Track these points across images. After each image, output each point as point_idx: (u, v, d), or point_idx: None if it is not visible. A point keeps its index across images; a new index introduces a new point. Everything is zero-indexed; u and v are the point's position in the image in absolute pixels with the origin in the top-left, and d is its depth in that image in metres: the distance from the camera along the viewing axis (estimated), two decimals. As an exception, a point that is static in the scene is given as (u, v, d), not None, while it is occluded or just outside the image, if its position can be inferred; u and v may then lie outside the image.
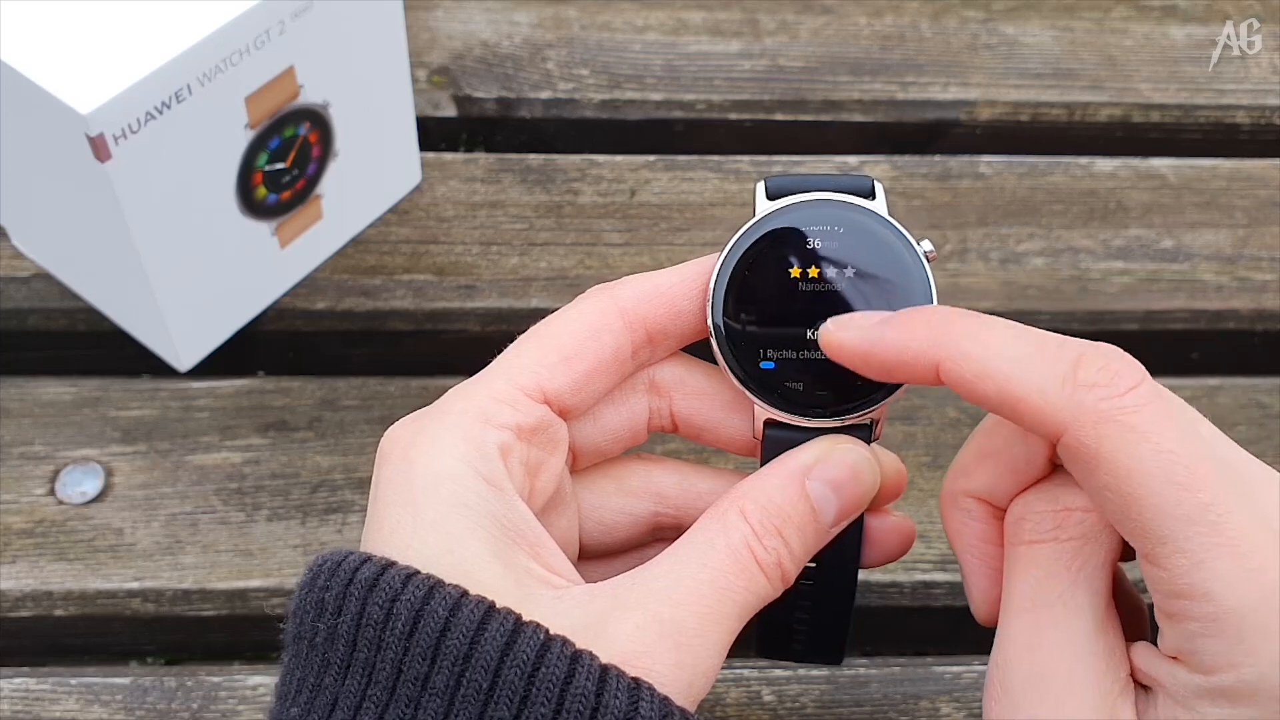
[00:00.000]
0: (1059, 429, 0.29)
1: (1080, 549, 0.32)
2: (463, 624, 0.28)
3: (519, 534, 0.31)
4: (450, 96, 0.61)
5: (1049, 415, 0.29)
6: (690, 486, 0.36)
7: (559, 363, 0.32)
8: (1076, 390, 0.29)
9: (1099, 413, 0.29)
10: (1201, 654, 0.29)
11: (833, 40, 0.63)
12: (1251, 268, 0.57)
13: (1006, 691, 0.31)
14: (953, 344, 0.30)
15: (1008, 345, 0.30)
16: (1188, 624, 0.29)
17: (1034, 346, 0.30)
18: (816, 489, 0.32)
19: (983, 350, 0.30)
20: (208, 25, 0.43)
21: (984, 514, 0.34)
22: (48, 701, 0.44)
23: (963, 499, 0.34)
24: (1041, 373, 0.30)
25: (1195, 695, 0.29)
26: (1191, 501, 0.28)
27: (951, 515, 0.35)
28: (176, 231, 0.47)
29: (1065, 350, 0.30)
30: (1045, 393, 0.29)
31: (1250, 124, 0.62)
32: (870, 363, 0.32)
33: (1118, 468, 0.29)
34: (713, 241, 0.56)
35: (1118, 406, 0.29)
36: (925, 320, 0.31)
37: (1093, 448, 0.29)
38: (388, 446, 0.32)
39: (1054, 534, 0.32)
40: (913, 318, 0.31)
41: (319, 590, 0.30)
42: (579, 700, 0.27)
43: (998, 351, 0.30)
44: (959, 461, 0.35)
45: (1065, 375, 0.29)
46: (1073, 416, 0.29)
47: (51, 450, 0.50)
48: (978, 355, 0.30)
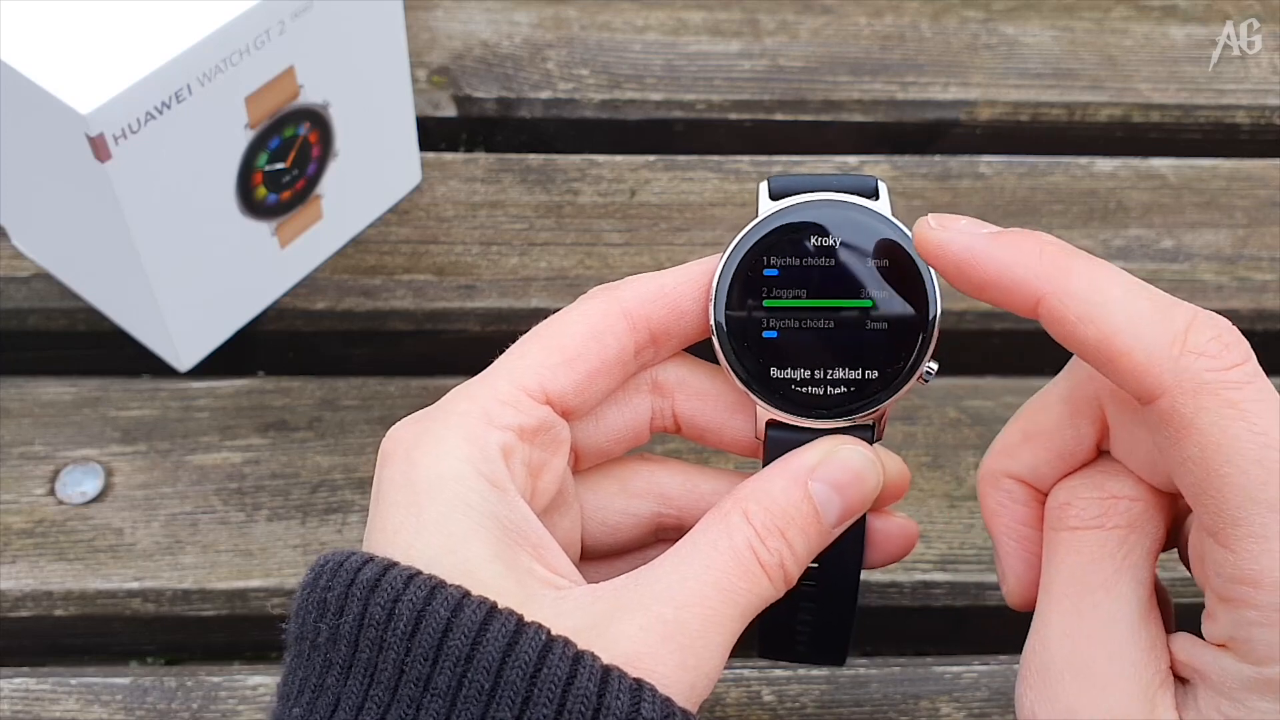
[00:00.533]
0: (1158, 390, 0.28)
1: (1126, 537, 0.31)
2: (465, 625, 0.28)
3: (521, 535, 0.31)
4: (450, 96, 0.61)
5: (1151, 375, 0.28)
6: (693, 487, 0.36)
7: (561, 363, 0.32)
8: (1185, 355, 0.28)
9: (1202, 382, 0.28)
10: (1256, 643, 0.28)
11: (833, 40, 0.63)
12: (1251, 268, 0.57)
13: (1043, 678, 0.31)
14: (1064, 279, 0.29)
15: (1122, 294, 0.29)
16: (1246, 611, 0.28)
17: (1147, 301, 0.29)
18: (819, 490, 0.32)
19: (1095, 294, 0.29)
20: (208, 25, 0.43)
21: (1025, 496, 0.34)
22: (48, 701, 0.44)
23: (1004, 480, 0.34)
24: (1152, 330, 0.29)
25: (1242, 686, 0.28)
26: (1276, 487, 0.28)
27: (990, 496, 0.34)
28: (176, 231, 0.47)
29: (1178, 312, 0.29)
30: (1151, 352, 0.28)
31: (1250, 124, 0.62)
32: (968, 273, 0.30)
33: (1209, 440, 0.28)
34: (713, 241, 0.56)
35: (1222, 379, 0.28)
36: (1039, 246, 0.30)
37: (1188, 416, 0.28)
38: (390, 447, 0.32)
39: (1099, 521, 0.32)
40: (1026, 240, 0.30)
41: (321, 591, 0.30)
42: (581, 701, 0.27)
43: (1112, 297, 0.29)
44: (1002, 441, 0.34)
45: (1175, 337, 0.29)
46: (1175, 381, 0.28)
47: (51, 450, 0.50)
48: (1089, 298, 0.29)
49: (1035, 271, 0.29)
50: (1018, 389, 0.52)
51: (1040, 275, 0.29)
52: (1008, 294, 0.30)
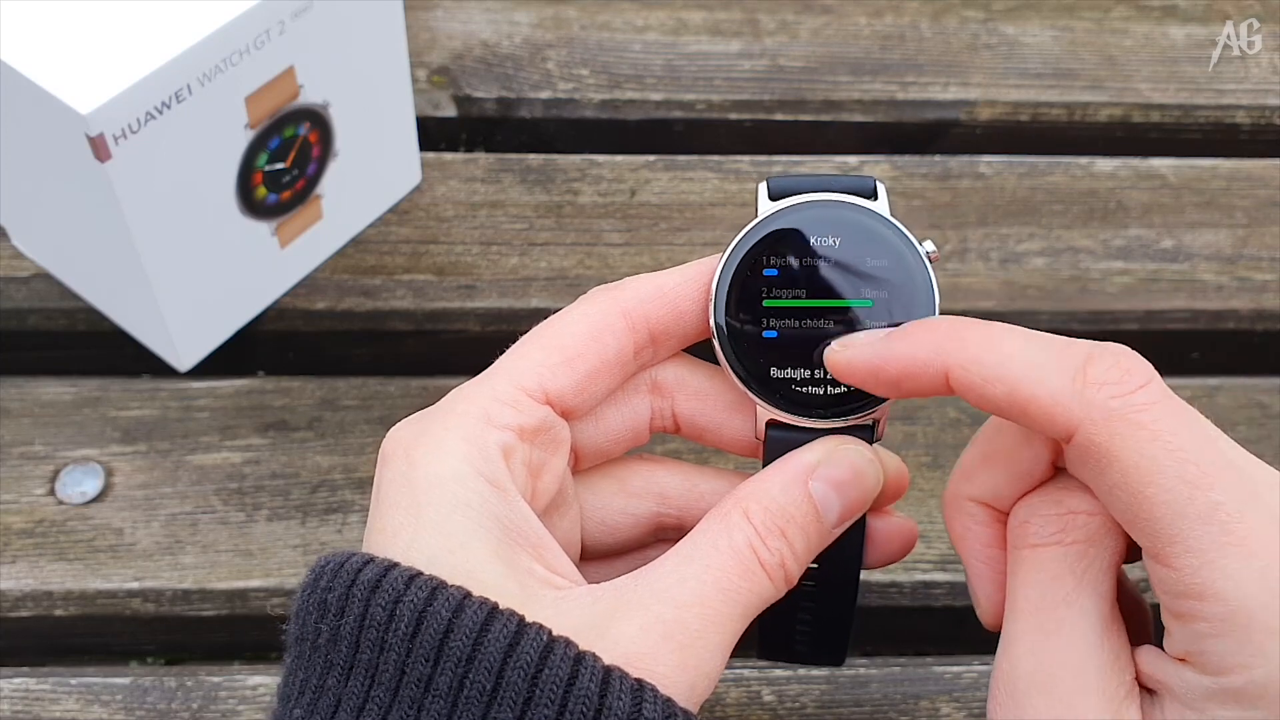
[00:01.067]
0: (1070, 428, 0.29)
1: (1085, 552, 0.32)
2: (466, 625, 0.28)
3: (521, 535, 0.31)
4: (450, 96, 0.61)
5: (1060, 415, 0.29)
6: (693, 487, 0.36)
7: (561, 363, 0.32)
8: (1087, 388, 0.29)
9: (1110, 410, 0.29)
10: (1210, 655, 0.28)
11: (833, 40, 0.63)
12: (1251, 268, 0.57)
13: (1011, 695, 0.31)
14: (960, 350, 0.30)
15: (1016, 348, 0.30)
16: (1196, 624, 0.29)
17: (1042, 348, 0.30)
18: (819, 489, 0.32)
19: (991, 354, 0.30)
20: (208, 25, 0.43)
21: (987, 518, 0.34)
22: (48, 701, 0.44)
23: (966, 503, 0.34)
24: (1052, 373, 0.30)
25: (1204, 697, 0.29)
26: (1202, 500, 0.28)
27: (955, 520, 0.34)
28: (176, 231, 0.47)
29: (1074, 350, 0.30)
30: (1056, 393, 0.29)
31: (1250, 124, 0.62)
32: (880, 378, 0.32)
33: (1128, 465, 0.29)
34: (713, 241, 0.56)
35: (1129, 404, 0.29)
36: (930, 330, 0.31)
37: (1104, 446, 0.29)
38: (390, 447, 0.32)
39: (1058, 537, 0.32)
40: (918, 329, 0.31)
41: (321, 591, 0.30)
42: (582, 702, 0.27)
43: (1007, 354, 0.30)
44: (961, 465, 0.35)
45: (1075, 374, 0.29)
46: (1084, 415, 0.29)
47: (51, 450, 0.50)
48: (986, 360, 0.30)
49: (934, 351, 0.31)
50: (1018, 389, 0.52)
51: (940, 351, 0.31)
52: (919, 380, 0.31)
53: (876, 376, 0.32)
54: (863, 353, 0.32)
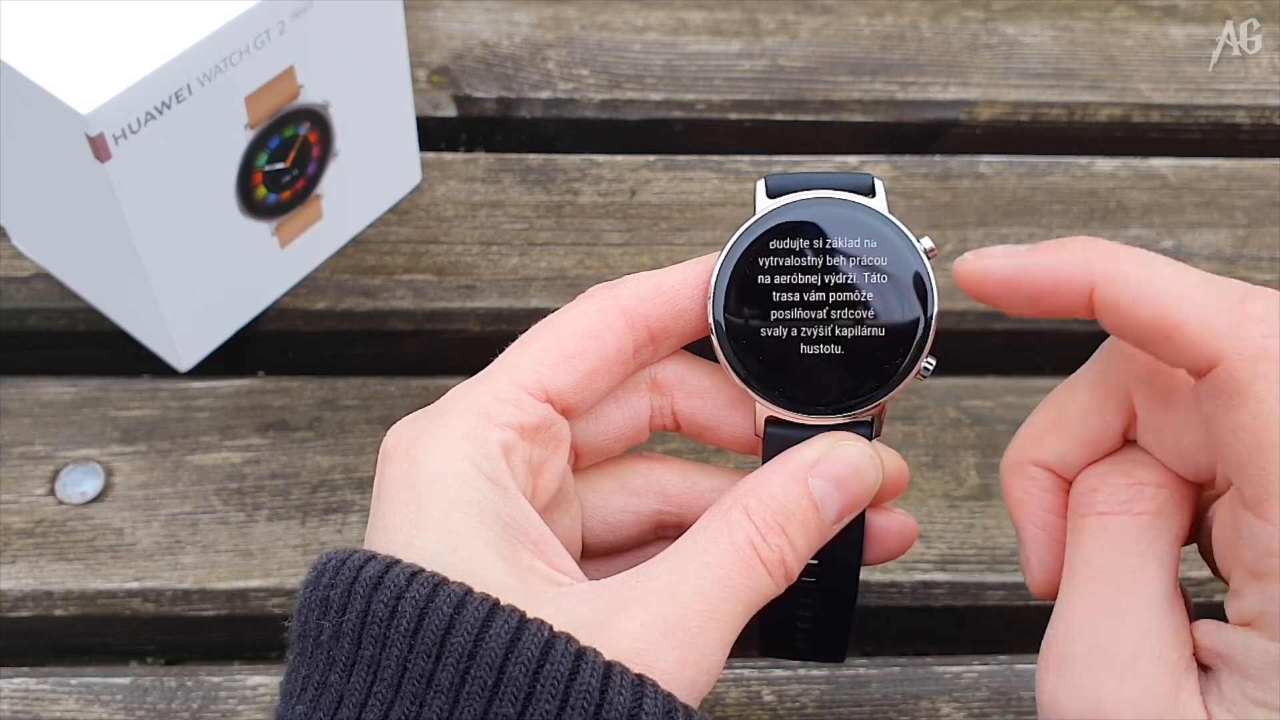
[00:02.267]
0: (1215, 358, 0.28)
1: (1152, 524, 0.31)
2: (467, 621, 0.28)
3: (522, 532, 0.31)
4: (450, 96, 0.61)
5: (1208, 342, 0.28)
6: (693, 485, 0.36)
7: (561, 362, 0.32)
8: (1242, 321, 0.28)
9: (1260, 349, 0.28)
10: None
11: (833, 40, 0.63)
12: (1251, 268, 0.57)
13: (1067, 663, 0.31)
14: (1112, 266, 0.30)
15: (1170, 272, 0.29)
16: (1278, 585, 0.28)
17: (1198, 277, 0.29)
18: (819, 486, 0.32)
19: (1146, 274, 0.29)
20: (208, 25, 0.43)
21: (1051, 484, 0.34)
22: (48, 701, 0.44)
23: (1030, 467, 0.34)
24: (1207, 301, 0.29)
25: (1267, 665, 0.28)
26: None
27: (1016, 484, 0.34)
28: (176, 231, 0.47)
29: (1232, 284, 0.29)
30: (1207, 320, 0.28)
31: (1250, 124, 0.62)
32: (1018, 290, 0.30)
33: (1264, 407, 0.28)
34: (713, 241, 0.56)
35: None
36: (1079, 245, 0.30)
37: (1244, 382, 0.28)
38: (390, 445, 0.32)
39: (1126, 506, 0.31)
40: (1064, 244, 0.30)
41: (323, 588, 0.30)
42: (583, 697, 0.27)
43: (1160, 276, 0.29)
44: (1029, 428, 0.34)
45: (1232, 306, 0.29)
46: (1234, 347, 0.28)
47: (51, 450, 0.50)
48: (1140, 279, 0.29)
49: (1081, 265, 0.30)
50: (1018, 389, 0.52)
51: (1087, 267, 0.30)
52: (1060, 296, 0.30)
53: (1015, 288, 0.30)
54: (1002, 262, 0.31)
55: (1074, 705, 0.30)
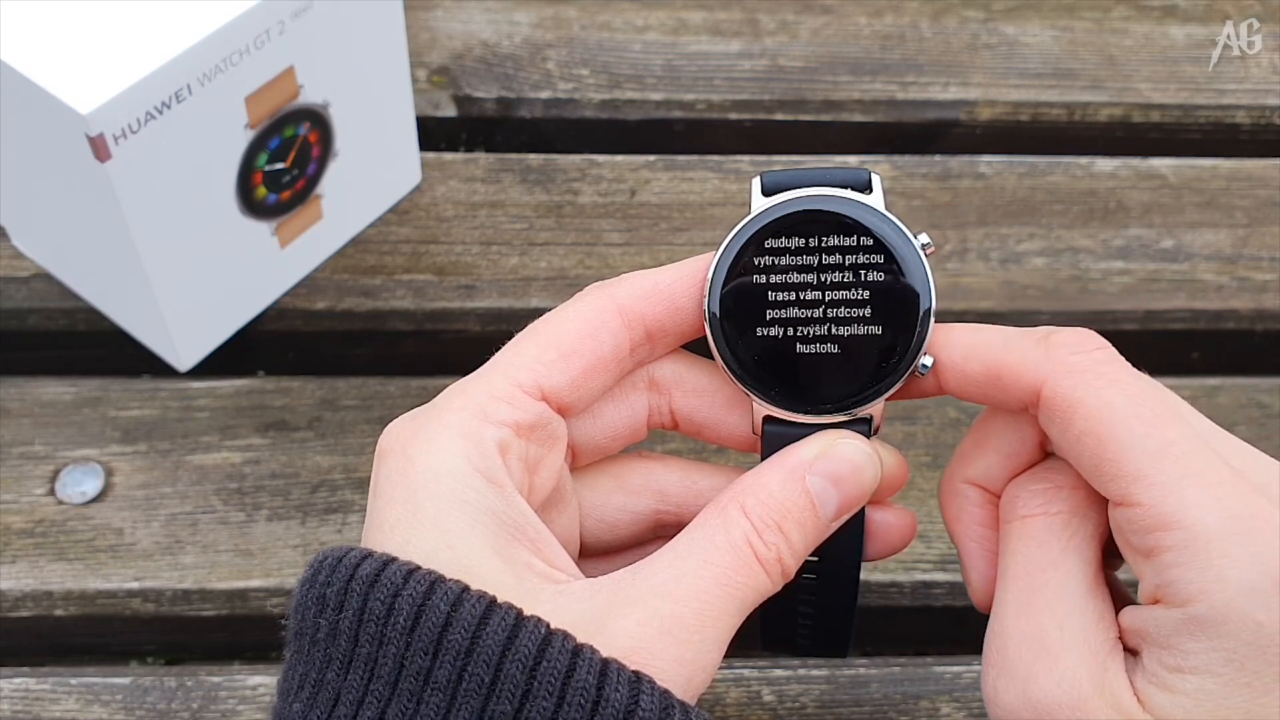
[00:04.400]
0: (1038, 383, 0.32)
1: (1069, 521, 0.33)
2: (464, 619, 0.28)
3: (519, 529, 0.31)
4: (450, 96, 0.61)
5: (1029, 373, 0.32)
6: (691, 484, 0.36)
7: (557, 360, 0.33)
8: (1052, 349, 0.32)
9: (1071, 365, 0.32)
10: (1176, 584, 0.30)
11: (833, 40, 0.63)
12: (1251, 268, 0.57)
13: (1002, 655, 0.32)
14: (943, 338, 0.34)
15: (989, 331, 0.34)
16: (1162, 555, 0.30)
17: (1012, 330, 0.34)
18: (817, 484, 0.32)
19: (968, 336, 0.34)
20: (208, 25, 0.43)
21: (981, 500, 0.36)
22: (48, 701, 0.44)
23: (961, 485, 0.36)
24: (1019, 341, 0.33)
25: (1175, 632, 0.30)
26: (1158, 437, 0.31)
27: (950, 502, 0.36)
28: (176, 231, 0.47)
29: (1039, 328, 0.34)
30: (1024, 355, 0.33)
31: (1250, 124, 0.62)
32: None
33: (1091, 411, 0.31)
34: (713, 241, 0.56)
35: (1088, 360, 0.32)
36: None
37: (1067, 395, 0.32)
38: (386, 444, 0.32)
39: (1044, 508, 0.34)
40: None
41: (320, 586, 0.30)
42: (580, 694, 0.27)
43: (981, 336, 0.34)
44: (958, 450, 0.36)
45: (1040, 339, 0.33)
46: (1050, 370, 0.32)
47: (51, 450, 0.50)
48: (964, 340, 0.33)
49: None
50: (1018, 388, 0.52)
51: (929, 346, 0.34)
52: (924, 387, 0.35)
53: None
54: None
55: (1011, 694, 0.32)
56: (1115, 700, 0.31)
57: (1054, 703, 0.31)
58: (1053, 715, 0.31)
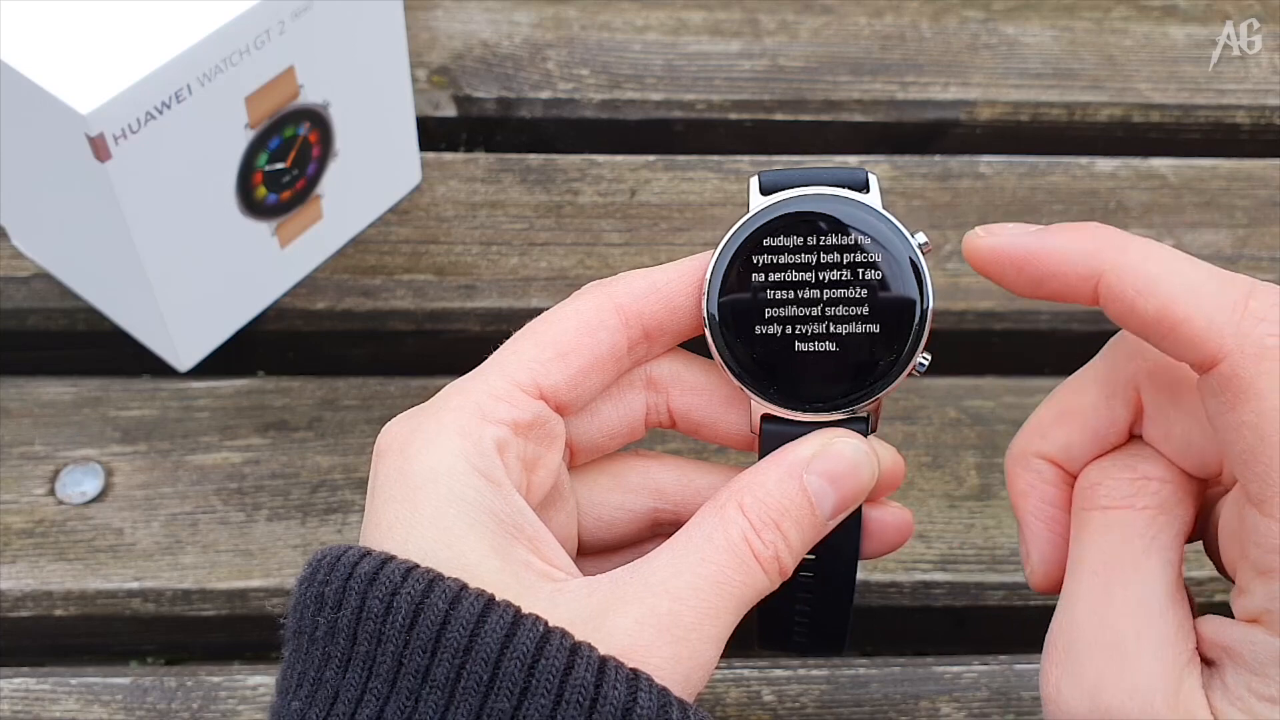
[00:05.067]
0: (1218, 355, 0.29)
1: (1155, 518, 0.31)
2: (462, 617, 0.28)
3: (516, 528, 0.31)
4: (450, 96, 0.61)
5: (1212, 339, 0.29)
6: (689, 482, 0.36)
7: (555, 359, 0.33)
8: (1245, 319, 0.28)
9: (1263, 346, 0.28)
10: None
11: (833, 40, 0.63)
12: (1251, 268, 0.57)
13: (1070, 654, 0.31)
14: (1120, 255, 0.30)
15: (1177, 265, 0.29)
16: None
17: (1205, 271, 0.29)
18: (814, 482, 0.32)
19: (1152, 265, 0.29)
20: (208, 25, 0.43)
21: (1055, 477, 0.34)
22: (48, 701, 0.44)
23: (1034, 460, 0.34)
24: (1212, 296, 0.29)
25: (1274, 661, 0.28)
26: None
27: (1020, 476, 0.34)
28: (176, 231, 0.47)
29: (1238, 280, 0.29)
30: (1212, 316, 0.29)
31: (1250, 124, 0.62)
32: (1025, 271, 0.31)
33: (1267, 405, 0.28)
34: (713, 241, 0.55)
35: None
36: (1091, 231, 0.30)
37: (1248, 380, 0.28)
38: (385, 443, 0.32)
39: (1130, 500, 0.32)
40: (1077, 228, 0.30)
41: (319, 585, 0.30)
42: (578, 691, 0.27)
43: (1169, 268, 0.29)
44: (1034, 421, 0.34)
45: (1236, 303, 0.29)
46: (1237, 345, 0.28)
47: (51, 450, 0.50)
48: (1146, 270, 0.29)
49: (1091, 252, 0.30)
50: (1018, 389, 0.52)
51: (1096, 255, 0.30)
52: (1067, 280, 0.30)
53: (1022, 268, 0.31)
54: (1012, 241, 0.31)
55: (1076, 697, 0.30)
56: (1189, 717, 0.29)
57: (1123, 712, 0.30)
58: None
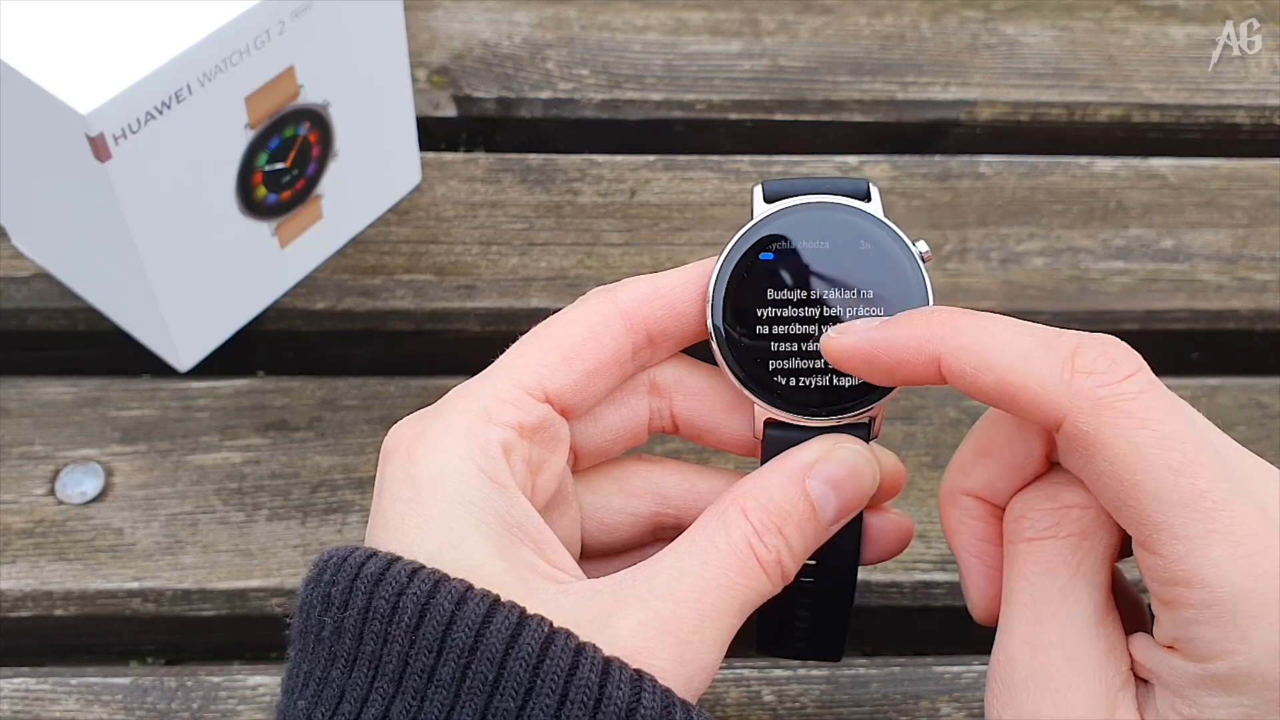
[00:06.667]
0: (1058, 416, 0.30)
1: (1079, 545, 0.32)
2: (468, 617, 0.28)
3: (522, 530, 0.31)
4: (450, 96, 0.61)
5: (1048, 403, 0.30)
6: (691, 487, 0.36)
7: (560, 362, 0.33)
8: (1075, 377, 0.29)
9: (1097, 399, 0.29)
10: (1197, 641, 0.29)
11: (833, 40, 0.63)
12: (1251, 268, 0.57)
13: (1008, 687, 0.31)
14: (951, 338, 0.31)
15: (1006, 336, 0.31)
16: (1183, 611, 0.29)
17: (1032, 337, 0.30)
18: (816, 487, 0.32)
19: (982, 342, 0.30)
20: (208, 25, 0.43)
21: (982, 512, 0.34)
22: (48, 701, 0.44)
23: (961, 497, 0.34)
24: (1040, 362, 0.30)
25: (1192, 685, 0.29)
26: (1187, 488, 0.29)
27: (950, 514, 0.35)
28: (176, 231, 0.47)
29: (1063, 340, 0.30)
30: (1045, 381, 0.30)
31: (1250, 124, 0.62)
32: (874, 365, 0.32)
33: (1115, 453, 0.29)
34: (713, 241, 0.56)
35: (1115, 393, 0.29)
36: (925, 319, 0.31)
37: (1091, 434, 0.29)
38: (391, 444, 0.32)
39: (1053, 530, 0.32)
40: (912, 318, 0.32)
41: (325, 585, 0.30)
42: (583, 692, 0.28)
43: (997, 343, 0.30)
44: (957, 459, 0.35)
45: (1064, 363, 0.30)
46: (1071, 403, 0.29)
47: (51, 450, 0.50)
48: (976, 347, 0.30)
49: (927, 339, 0.31)
50: (1017, 389, 0.52)
51: (932, 339, 0.31)
52: (912, 368, 0.31)
53: (871, 363, 0.32)
54: (858, 339, 0.32)
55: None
56: None
57: None
58: None
